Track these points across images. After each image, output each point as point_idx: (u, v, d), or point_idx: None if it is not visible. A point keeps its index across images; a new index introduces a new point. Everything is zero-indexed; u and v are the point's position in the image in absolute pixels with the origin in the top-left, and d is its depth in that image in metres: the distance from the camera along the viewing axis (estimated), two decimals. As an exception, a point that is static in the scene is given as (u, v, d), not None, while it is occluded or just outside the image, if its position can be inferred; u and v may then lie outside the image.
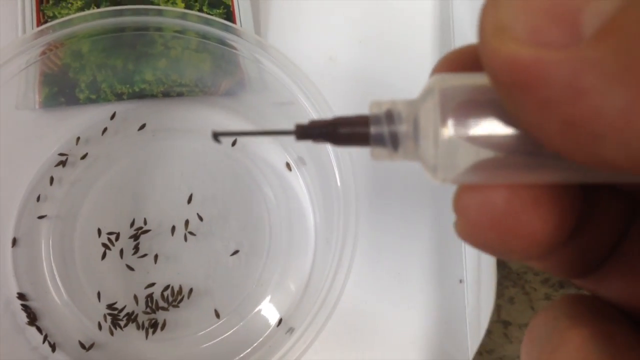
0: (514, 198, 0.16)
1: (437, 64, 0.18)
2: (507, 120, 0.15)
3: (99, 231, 0.42)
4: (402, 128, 0.17)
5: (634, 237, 0.19)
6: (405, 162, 0.17)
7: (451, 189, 0.17)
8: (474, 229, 0.16)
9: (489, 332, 0.38)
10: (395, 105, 0.17)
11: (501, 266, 0.40)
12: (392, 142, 0.17)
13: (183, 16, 0.38)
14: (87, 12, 0.37)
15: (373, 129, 0.17)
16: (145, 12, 0.38)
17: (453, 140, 0.15)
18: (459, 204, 0.17)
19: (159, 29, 0.39)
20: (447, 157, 0.16)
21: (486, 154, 0.16)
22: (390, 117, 0.17)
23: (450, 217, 0.43)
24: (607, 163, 0.13)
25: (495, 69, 0.14)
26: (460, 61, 0.18)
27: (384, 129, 0.17)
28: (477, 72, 0.16)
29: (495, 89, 0.14)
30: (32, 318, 0.41)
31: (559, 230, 0.16)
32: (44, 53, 0.38)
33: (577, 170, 0.15)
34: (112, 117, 0.43)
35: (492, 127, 0.15)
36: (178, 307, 0.41)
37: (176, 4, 0.43)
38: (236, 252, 0.42)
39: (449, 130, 0.15)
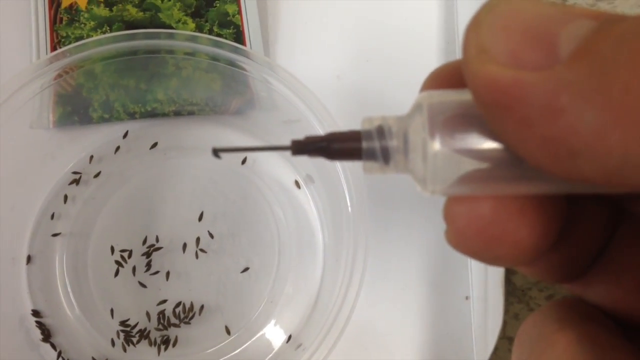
0: (500, 207, 0.17)
1: (425, 80, 0.19)
2: (491, 135, 0.16)
3: (112, 248, 0.43)
4: (393, 143, 0.17)
5: (619, 243, 0.20)
6: (410, 179, 0.18)
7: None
8: (462, 237, 0.17)
9: (494, 349, 0.38)
10: (386, 121, 0.18)
11: (506, 282, 0.41)
12: (383, 156, 0.17)
13: (193, 39, 0.39)
14: (101, 36, 0.38)
15: (365, 144, 0.17)
16: (157, 36, 0.38)
17: (441, 154, 0.16)
18: (448, 213, 0.17)
19: (170, 51, 0.40)
20: (436, 170, 0.16)
21: (473, 166, 0.16)
22: (381, 132, 0.17)
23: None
24: (584, 178, 0.14)
25: (478, 90, 0.14)
26: (447, 77, 0.18)
27: (375, 144, 0.17)
28: (463, 88, 0.16)
29: (478, 108, 0.15)
30: (46, 335, 0.41)
31: (544, 238, 0.17)
32: (59, 77, 0.39)
33: (559, 183, 0.16)
34: (125, 135, 0.44)
35: (478, 142, 0.16)
36: (189, 323, 0.42)
37: (187, 24, 0.44)
38: (246, 269, 0.42)
39: (436, 144, 0.16)
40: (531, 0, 0.15)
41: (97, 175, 0.44)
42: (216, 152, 0.20)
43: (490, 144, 0.16)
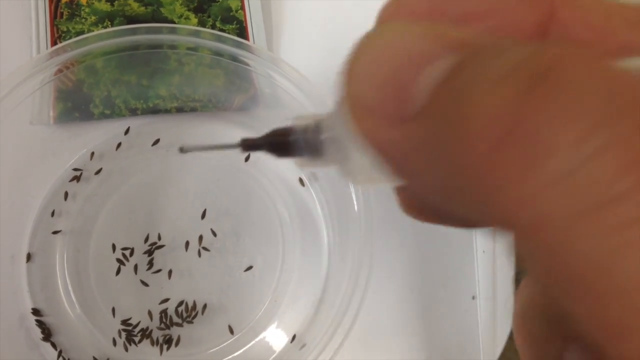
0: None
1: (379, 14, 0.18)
2: None
3: (114, 246, 0.42)
4: (320, 137, 0.18)
5: None
6: None
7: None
8: (406, 207, 0.18)
9: (503, 350, 0.38)
10: (315, 118, 0.18)
11: (515, 282, 0.40)
12: (315, 151, 0.18)
13: (196, 34, 0.38)
14: (102, 30, 0.38)
15: (298, 139, 0.18)
16: (159, 30, 0.38)
17: (361, 147, 0.16)
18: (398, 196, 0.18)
19: (172, 46, 0.40)
20: (360, 167, 0.16)
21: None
22: (308, 129, 0.18)
23: (463, 232, 0.43)
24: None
25: (363, 140, 0.14)
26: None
27: (301, 138, 0.18)
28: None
29: None
30: (47, 334, 0.41)
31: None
32: (59, 71, 0.38)
33: None
34: (126, 132, 0.43)
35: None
36: (192, 323, 0.41)
37: (189, 19, 0.43)
38: (250, 267, 0.42)
39: (357, 138, 0.16)
40: (405, 30, 0.13)
41: (98, 172, 0.43)
42: (182, 150, 0.22)
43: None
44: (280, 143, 0.19)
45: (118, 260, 0.42)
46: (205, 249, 0.42)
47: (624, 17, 0.14)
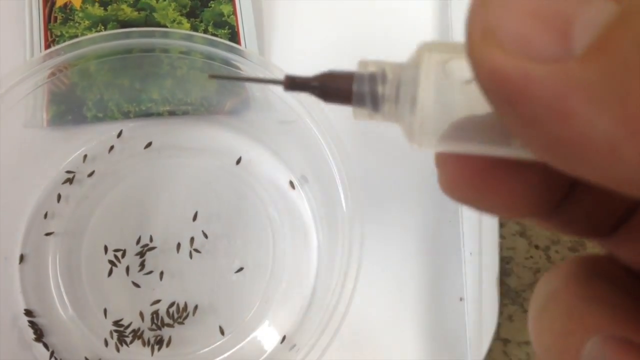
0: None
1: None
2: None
3: (106, 248, 0.42)
4: (385, 90, 0.17)
5: None
6: (408, 180, 0.17)
7: (454, 208, 0.18)
8: (453, 183, 0.17)
9: (488, 350, 0.38)
10: (382, 67, 0.17)
11: (501, 284, 0.41)
12: (373, 102, 0.17)
13: (188, 38, 0.38)
14: (95, 34, 0.38)
15: (355, 88, 0.17)
16: (152, 34, 0.38)
17: (430, 107, 0.15)
18: (439, 157, 0.17)
19: (165, 50, 0.40)
20: (423, 123, 0.16)
21: (464, 129, 0.15)
22: (374, 78, 0.17)
23: (451, 234, 0.43)
24: (593, 182, 0.12)
25: (481, 79, 0.13)
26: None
27: (366, 89, 0.17)
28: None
29: (482, 93, 0.13)
30: (39, 334, 0.41)
31: (544, 190, 0.16)
32: (52, 74, 0.39)
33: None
34: (119, 135, 0.44)
35: (471, 102, 0.15)
36: (183, 323, 0.42)
37: (182, 24, 0.44)
38: (240, 269, 0.42)
39: (427, 97, 0.15)
40: None
41: (90, 175, 0.43)
42: (212, 77, 0.20)
43: (484, 109, 0.15)
44: (337, 89, 0.17)
45: (110, 261, 0.42)
46: (196, 250, 0.42)
47: None
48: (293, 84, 0.18)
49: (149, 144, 0.44)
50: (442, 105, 0.15)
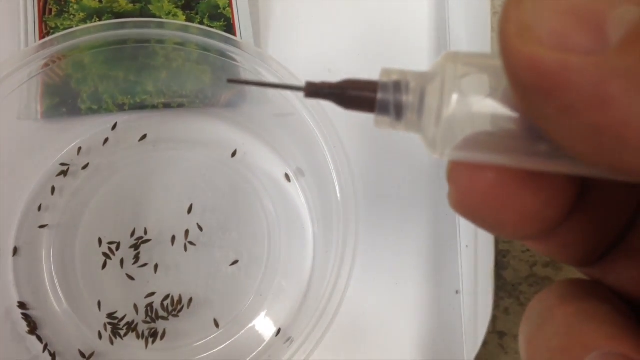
0: (505, 170, 0.16)
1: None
2: (513, 108, 0.15)
3: (100, 241, 0.42)
4: (408, 99, 0.17)
5: None
6: (404, 173, 0.18)
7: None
8: (464, 199, 0.17)
9: (484, 343, 0.38)
10: (405, 76, 0.17)
11: (496, 277, 0.41)
12: (396, 111, 0.17)
13: (184, 29, 0.38)
14: (89, 24, 0.38)
15: (380, 96, 0.17)
16: (147, 25, 0.38)
17: (455, 119, 0.16)
18: (451, 172, 0.17)
19: (160, 41, 0.40)
20: (447, 134, 0.16)
21: (487, 137, 0.16)
22: (397, 86, 0.17)
23: (448, 227, 0.43)
24: (629, 170, 0.13)
25: (517, 71, 0.13)
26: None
27: (390, 97, 0.17)
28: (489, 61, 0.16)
29: (514, 89, 0.14)
30: (33, 327, 0.41)
31: (552, 208, 0.17)
32: (46, 65, 0.38)
33: (582, 167, 0.15)
34: (114, 127, 0.44)
35: (496, 112, 0.15)
36: (178, 316, 0.41)
37: (177, 16, 0.44)
38: (235, 262, 0.42)
39: (452, 108, 0.15)
40: None
41: (85, 167, 0.43)
42: (231, 81, 0.22)
43: (509, 116, 0.15)
44: (360, 97, 0.17)
45: (104, 254, 0.42)
46: (191, 243, 0.42)
47: None
48: (314, 91, 0.18)
49: (144, 137, 0.44)
50: (465, 117, 0.16)
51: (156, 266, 0.42)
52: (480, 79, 0.16)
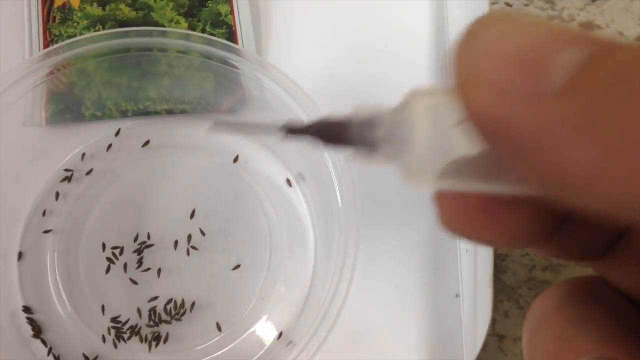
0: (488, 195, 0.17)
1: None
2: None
3: (104, 245, 0.43)
4: (381, 133, 0.17)
5: None
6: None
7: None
8: (451, 220, 0.17)
9: (484, 346, 0.39)
10: (377, 111, 0.18)
11: (495, 281, 0.41)
12: (370, 145, 0.17)
13: (186, 37, 0.39)
14: (93, 33, 0.38)
15: (354, 132, 0.17)
16: (150, 34, 0.39)
17: (426, 150, 0.16)
18: (437, 195, 0.18)
19: (163, 49, 0.40)
20: (420, 165, 0.16)
21: (459, 166, 0.16)
22: (371, 122, 0.17)
23: (444, 230, 0.44)
24: (585, 209, 0.13)
25: (470, 118, 0.14)
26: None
27: (364, 133, 0.17)
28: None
29: (474, 132, 0.14)
30: (37, 331, 0.41)
31: (538, 222, 0.17)
32: (51, 73, 0.39)
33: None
34: (117, 133, 0.44)
35: (465, 145, 0.16)
36: (180, 320, 0.42)
37: (180, 24, 0.44)
38: (237, 266, 0.43)
39: (423, 141, 0.16)
40: (523, 21, 0.13)
41: (88, 173, 0.44)
42: (214, 127, 0.20)
43: (476, 152, 0.16)
44: (334, 134, 0.18)
45: (108, 258, 0.42)
46: (193, 247, 0.43)
47: None
48: (290, 132, 0.18)
49: (147, 142, 0.44)
50: (435, 147, 0.16)
51: (159, 270, 0.42)
52: (446, 110, 0.16)
